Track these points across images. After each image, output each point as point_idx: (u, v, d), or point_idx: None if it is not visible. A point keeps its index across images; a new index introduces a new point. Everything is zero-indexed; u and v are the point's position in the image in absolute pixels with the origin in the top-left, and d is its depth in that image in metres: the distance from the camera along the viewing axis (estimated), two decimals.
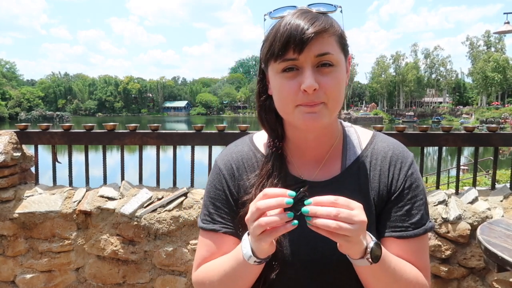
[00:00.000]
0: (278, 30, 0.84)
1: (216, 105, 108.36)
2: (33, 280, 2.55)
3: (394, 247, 0.92)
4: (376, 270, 0.83)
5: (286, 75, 0.85)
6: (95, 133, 2.72)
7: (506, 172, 9.32)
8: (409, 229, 0.92)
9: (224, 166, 1.02)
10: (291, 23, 0.82)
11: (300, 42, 0.81)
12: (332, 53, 0.84)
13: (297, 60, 0.83)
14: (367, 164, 0.96)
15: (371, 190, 0.94)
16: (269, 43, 0.86)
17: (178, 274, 2.50)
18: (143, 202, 2.49)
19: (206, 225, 1.01)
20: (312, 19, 0.83)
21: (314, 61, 0.83)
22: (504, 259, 1.61)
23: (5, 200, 2.53)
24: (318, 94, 0.83)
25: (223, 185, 1.01)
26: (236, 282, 0.91)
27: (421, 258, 0.93)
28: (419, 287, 0.90)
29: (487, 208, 2.42)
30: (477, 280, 2.40)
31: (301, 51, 0.81)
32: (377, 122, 55.90)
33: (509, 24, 11.17)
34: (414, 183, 0.95)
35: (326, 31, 0.83)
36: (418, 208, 0.93)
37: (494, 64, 62.45)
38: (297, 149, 0.98)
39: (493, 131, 2.62)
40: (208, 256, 0.99)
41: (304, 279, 0.94)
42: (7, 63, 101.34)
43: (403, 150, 0.98)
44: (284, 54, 0.83)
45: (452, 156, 15.93)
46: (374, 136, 1.02)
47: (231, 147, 1.07)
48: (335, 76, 0.85)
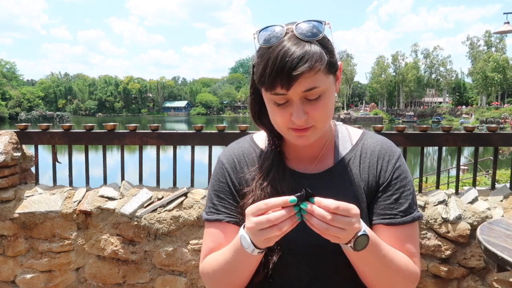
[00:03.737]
0: (267, 62, 0.86)
1: (216, 105, 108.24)
2: (33, 280, 2.56)
3: (384, 234, 0.98)
4: (364, 256, 0.88)
5: (278, 106, 0.91)
6: (95, 133, 2.72)
7: (506, 172, 9.32)
8: (397, 216, 0.98)
9: (227, 161, 1.09)
10: (279, 59, 0.84)
11: (287, 81, 0.85)
12: (319, 86, 0.87)
13: (286, 95, 0.88)
14: (357, 158, 1.04)
15: (361, 181, 1.01)
16: (259, 73, 0.89)
17: (178, 274, 2.51)
18: (143, 202, 2.49)
19: (211, 216, 1.05)
20: (300, 55, 0.84)
21: (302, 95, 0.88)
22: (504, 259, 1.61)
23: (5, 200, 2.53)
24: (308, 121, 0.90)
25: (226, 178, 1.06)
26: (237, 270, 0.95)
27: (410, 245, 0.99)
28: (409, 273, 0.96)
29: (487, 208, 2.43)
30: (477, 280, 2.40)
31: (289, 88, 0.86)
32: (377, 122, 55.88)
33: (509, 24, 11.18)
34: (402, 174, 1.01)
35: (313, 68, 0.85)
36: (406, 198, 0.99)
37: (494, 64, 62.38)
38: (293, 149, 1.06)
39: (493, 131, 2.62)
40: (214, 246, 1.03)
41: (302, 264, 1.00)
42: (7, 63, 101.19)
43: (391, 145, 1.06)
44: (274, 89, 0.87)
45: (452, 156, 15.93)
46: (364, 133, 1.10)
47: (233, 144, 1.14)
48: (323, 103, 0.90)
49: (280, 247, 0.95)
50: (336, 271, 0.99)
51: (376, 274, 0.93)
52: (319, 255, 0.98)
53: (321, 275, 1.00)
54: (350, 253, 0.89)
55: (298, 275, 1.00)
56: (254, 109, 1.03)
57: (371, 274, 0.93)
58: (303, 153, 1.05)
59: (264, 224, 0.81)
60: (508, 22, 11.22)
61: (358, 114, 70.08)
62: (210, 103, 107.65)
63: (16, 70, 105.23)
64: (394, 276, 0.93)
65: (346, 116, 64.47)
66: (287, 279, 1.01)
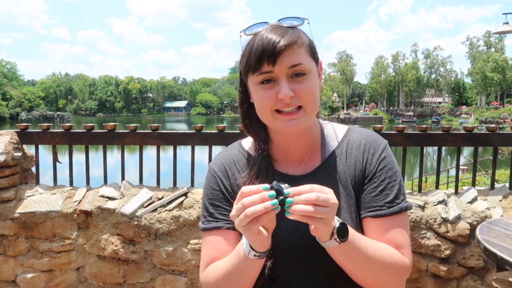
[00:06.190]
0: (252, 45, 0.93)
1: (216, 105, 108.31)
2: (34, 279, 2.56)
3: (372, 227, 0.98)
4: (347, 249, 0.89)
5: (264, 86, 0.94)
6: (96, 133, 2.72)
7: (505, 172, 9.30)
8: (383, 208, 0.98)
9: (218, 168, 1.10)
10: (263, 39, 0.92)
11: (273, 55, 0.90)
12: (304, 63, 0.93)
13: (273, 72, 0.92)
14: (343, 154, 1.05)
15: (348, 176, 1.02)
16: (246, 58, 0.96)
17: (179, 273, 2.51)
18: (143, 202, 2.50)
19: (208, 224, 1.05)
20: (282, 33, 0.92)
21: (288, 72, 0.92)
22: (503, 259, 1.62)
23: (6, 200, 2.53)
24: (294, 100, 0.93)
25: (219, 185, 1.08)
26: (238, 278, 0.95)
27: (399, 236, 0.98)
28: (394, 263, 0.95)
29: (486, 207, 2.43)
30: (477, 279, 2.40)
31: (275, 63, 0.91)
32: (377, 122, 55.88)
33: (508, 25, 11.19)
34: (387, 165, 1.02)
35: (295, 42, 0.92)
36: (392, 189, 1.00)
37: (494, 64, 62.37)
38: (281, 149, 1.07)
39: (493, 131, 2.63)
40: (215, 255, 1.03)
41: (296, 264, 1.01)
42: (8, 64, 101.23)
43: (376, 138, 1.06)
44: (260, 67, 0.92)
45: (451, 156, 15.93)
46: (349, 129, 1.11)
47: (222, 152, 1.16)
48: (309, 82, 0.94)
49: (274, 252, 0.96)
50: (331, 268, 0.99)
51: (362, 268, 0.93)
52: (313, 254, 0.99)
53: (318, 273, 1.01)
54: (334, 251, 0.90)
55: (295, 275, 1.01)
56: (243, 107, 1.05)
57: (357, 270, 0.94)
58: (290, 153, 1.06)
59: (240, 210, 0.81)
60: (508, 23, 11.23)
61: (358, 114, 70.03)
62: (210, 103, 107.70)
63: (16, 70, 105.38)
64: (379, 269, 0.93)
65: (346, 116, 64.44)
66: (285, 280, 1.02)
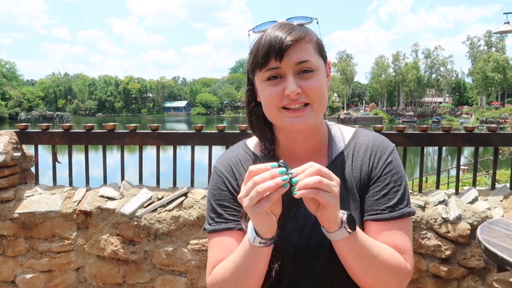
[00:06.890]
0: (260, 42, 0.94)
1: (216, 105, 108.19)
2: (33, 280, 2.56)
3: (373, 230, 0.97)
4: (353, 243, 0.88)
5: (271, 82, 0.94)
6: (95, 133, 2.72)
7: (506, 172, 9.31)
8: (384, 212, 0.97)
9: (224, 169, 1.08)
10: (271, 35, 0.92)
11: (280, 50, 0.90)
12: (311, 60, 0.93)
13: (280, 69, 0.92)
14: (350, 157, 1.04)
15: (354, 179, 1.01)
16: (253, 54, 0.96)
17: (178, 274, 2.51)
18: (143, 202, 2.49)
19: (217, 226, 1.02)
20: (289, 29, 0.92)
21: (295, 68, 0.92)
22: (504, 259, 1.61)
23: (5, 200, 2.53)
24: (301, 97, 0.92)
25: (227, 185, 1.05)
26: (246, 272, 0.93)
27: (400, 240, 0.97)
28: (396, 266, 0.94)
29: (487, 208, 2.43)
30: (477, 280, 2.40)
31: (282, 58, 0.90)
32: (377, 122, 55.85)
33: (509, 24, 11.18)
34: (393, 170, 1.01)
35: (303, 38, 0.92)
36: (396, 193, 0.98)
37: (494, 64, 62.36)
38: (287, 150, 1.06)
39: (493, 131, 2.62)
40: (224, 256, 1.00)
41: (301, 266, 1.00)
42: (7, 63, 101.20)
43: (383, 141, 1.05)
44: (267, 63, 0.92)
45: (452, 156, 15.92)
46: (357, 131, 1.10)
47: (227, 152, 1.14)
48: (316, 79, 0.93)
49: (280, 254, 0.96)
50: (334, 270, 0.99)
51: (365, 266, 0.91)
52: (317, 258, 0.99)
53: (321, 276, 1.00)
54: (341, 244, 0.88)
55: (299, 277, 1.01)
56: (250, 106, 1.05)
57: (360, 268, 0.92)
58: (297, 154, 1.05)
59: (250, 189, 0.80)
60: (508, 22, 11.23)
61: (358, 114, 70.03)
62: (210, 103, 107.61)
63: (16, 70, 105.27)
64: (382, 269, 0.92)
65: (346, 116, 64.46)
66: (288, 282, 1.02)
